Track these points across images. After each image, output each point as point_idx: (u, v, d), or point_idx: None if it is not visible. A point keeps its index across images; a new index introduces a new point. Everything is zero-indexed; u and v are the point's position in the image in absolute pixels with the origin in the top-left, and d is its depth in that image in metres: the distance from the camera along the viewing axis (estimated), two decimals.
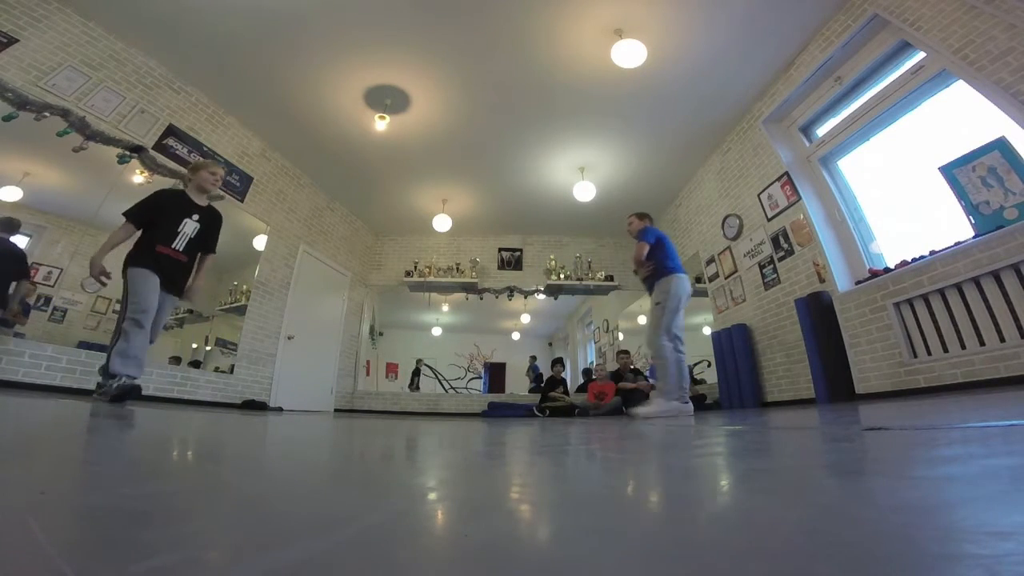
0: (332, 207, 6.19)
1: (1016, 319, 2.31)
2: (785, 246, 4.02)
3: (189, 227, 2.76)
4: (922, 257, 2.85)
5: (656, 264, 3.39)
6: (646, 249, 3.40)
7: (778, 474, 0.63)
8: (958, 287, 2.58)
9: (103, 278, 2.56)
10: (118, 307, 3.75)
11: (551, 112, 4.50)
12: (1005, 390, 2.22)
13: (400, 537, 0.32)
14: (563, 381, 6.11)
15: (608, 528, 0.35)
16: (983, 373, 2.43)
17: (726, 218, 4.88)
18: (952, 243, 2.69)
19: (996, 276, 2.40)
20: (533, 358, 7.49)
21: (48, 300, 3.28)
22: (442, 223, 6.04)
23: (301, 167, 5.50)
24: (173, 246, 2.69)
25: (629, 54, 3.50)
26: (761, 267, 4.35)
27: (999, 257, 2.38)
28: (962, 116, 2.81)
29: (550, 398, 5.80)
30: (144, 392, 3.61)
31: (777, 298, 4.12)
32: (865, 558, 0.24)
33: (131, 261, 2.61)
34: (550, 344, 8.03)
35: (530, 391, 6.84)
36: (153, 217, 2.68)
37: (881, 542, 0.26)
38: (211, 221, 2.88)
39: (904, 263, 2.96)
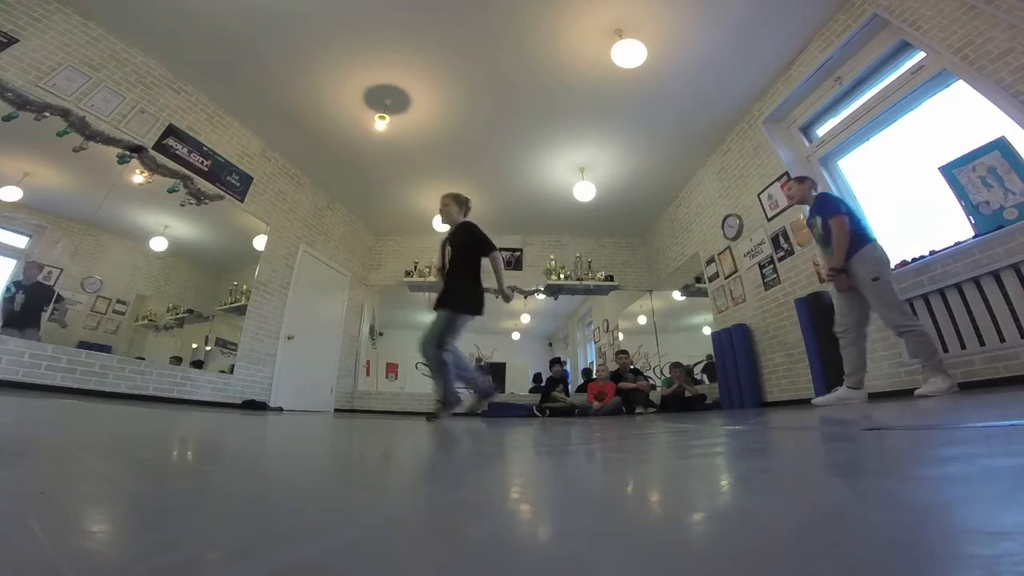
0: (332, 207, 6.19)
1: (1016, 319, 2.31)
2: (785, 246, 4.02)
3: (448, 253, 3.28)
4: (922, 257, 2.85)
5: (851, 235, 2.63)
6: (848, 227, 2.59)
7: (778, 474, 0.63)
8: (958, 287, 2.58)
9: None
10: (118, 307, 3.77)
11: (551, 112, 4.49)
12: (1005, 390, 2.22)
13: (400, 537, 0.32)
14: (563, 380, 6.10)
15: (608, 528, 0.35)
16: (983, 373, 2.43)
17: (726, 218, 4.88)
18: (952, 243, 2.69)
19: (996, 276, 2.40)
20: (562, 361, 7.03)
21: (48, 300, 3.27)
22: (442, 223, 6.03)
23: (301, 167, 5.50)
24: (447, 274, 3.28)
25: (629, 54, 3.50)
26: (761, 267, 4.35)
27: (999, 257, 2.38)
28: (962, 116, 2.81)
29: (551, 398, 5.80)
30: (144, 392, 3.63)
31: (777, 298, 4.12)
32: (865, 558, 0.24)
33: None
34: (550, 344, 8.02)
35: (530, 391, 6.84)
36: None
37: (881, 542, 0.26)
38: (461, 235, 3.26)
39: (904, 263, 2.96)
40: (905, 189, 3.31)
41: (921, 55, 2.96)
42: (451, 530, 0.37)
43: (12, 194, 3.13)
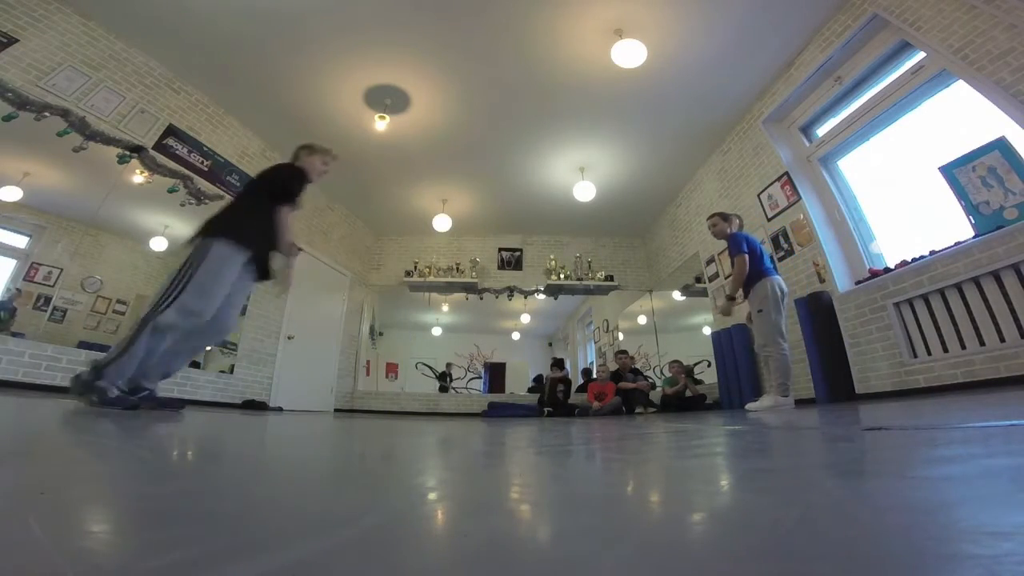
0: (332, 207, 6.19)
1: (1016, 319, 2.31)
2: (785, 246, 4.02)
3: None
4: (922, 257, 2.85)
5: (751, 272, 3.19)
6: (747, 265, 3.14)
7: (778, 474, 0.63)
8: (958, 287, 2.58)
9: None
10: (118, 307, 3.77)
11: (551, 112, 4.49)
12: (1005, 390, 2.22)
13: (400, 537, 0.32)
14: (563, 380, 6.08)
15: (608, 528, 0.35)
16: (983, 373, 2.43)
17: None
18: (952, 243, 2.69)
19: (996, 276, 2.40)
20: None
21: (48, 300, 3.28)
22: (442, 223, 6.04)
23: None
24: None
25: (629, 54, 3.50)
26: None
27: (999, 257, 2.38)
28: (962, 116, 2.81)
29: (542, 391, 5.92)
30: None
31: None
32: (865, 558, 0.24)
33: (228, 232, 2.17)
34: (550, 344, 8.02)
35: (529, 390, 6.85)
36: (294, 204, 2.42)
37: (881, 542, 0.26)
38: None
39: (904, 263, 2.96)
40: (905, 189, 3.31)
41: (921, 55, 2.95)
42: (451, 530, 0.37)
43: (12, 194, 3.13)
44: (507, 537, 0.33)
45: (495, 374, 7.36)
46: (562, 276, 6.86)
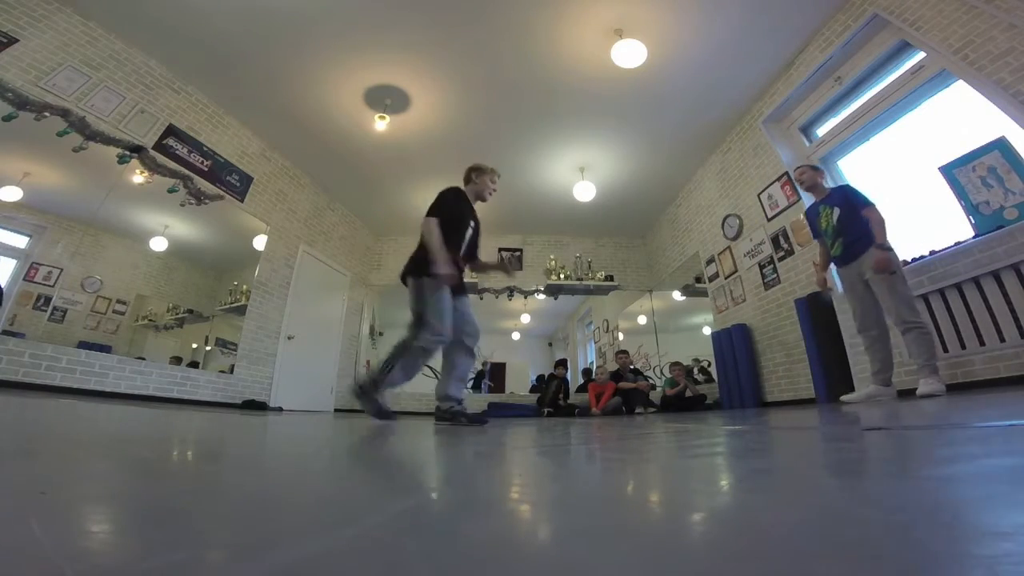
0: (332, 207, 6.20)
1: (1016, 319, 2.31)
2: (785, 246, 4.02)
3: (468, 234, 2.50)
4: (922, 257, 2.85)
5: (863, 229, 2.60)
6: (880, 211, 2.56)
7: (778, 474, 0.63)
8: (958, 287, 2.58)
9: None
10: (118, 307, 3.77)
11: (551, 112, 4.49)
12: (1005, 390, 2.22)
13: (400, 537, 0.32)
14: (564, 380, 6.08)
15: (608, 528, 0.35)
16: (983, 373, 2.43)
17: (726, 218, 4.88)
18: (952, 243, 2.69)
19: (996, 276, 2.40)
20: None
21: (48, 300, 3.28)
22: None
23: (301, 167, 5.50)
24: (461, 253, 2.42)
25: (629, 54, 3.50)
26: (761, 267, 4.35)
27: (999, 257, 2.38)
28: (962, 116, 2.81)
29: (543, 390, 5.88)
30: (144, 392, 3.63)
31: (777, 298, 4.13)
32: (865, 558, 0.24)
33: (428, 269, 2.24)
34: (550, 344, 8.02)
35: (531, 390, 6.84)
36: (452, 219, 2.35)
37: (881, 542, 0.26)
38: (479, 229, 2.66)
39: (904, 263, 2.95)
40: (905, 189, 3.31)
41: (921, 55, 2.96)
42: (452, 530, 0.37)
43: (12, 194, 3.14)
44: (507, 537, 0.33)
45: (495, 374, 7.36)
46: (562, 276, 6.86)
